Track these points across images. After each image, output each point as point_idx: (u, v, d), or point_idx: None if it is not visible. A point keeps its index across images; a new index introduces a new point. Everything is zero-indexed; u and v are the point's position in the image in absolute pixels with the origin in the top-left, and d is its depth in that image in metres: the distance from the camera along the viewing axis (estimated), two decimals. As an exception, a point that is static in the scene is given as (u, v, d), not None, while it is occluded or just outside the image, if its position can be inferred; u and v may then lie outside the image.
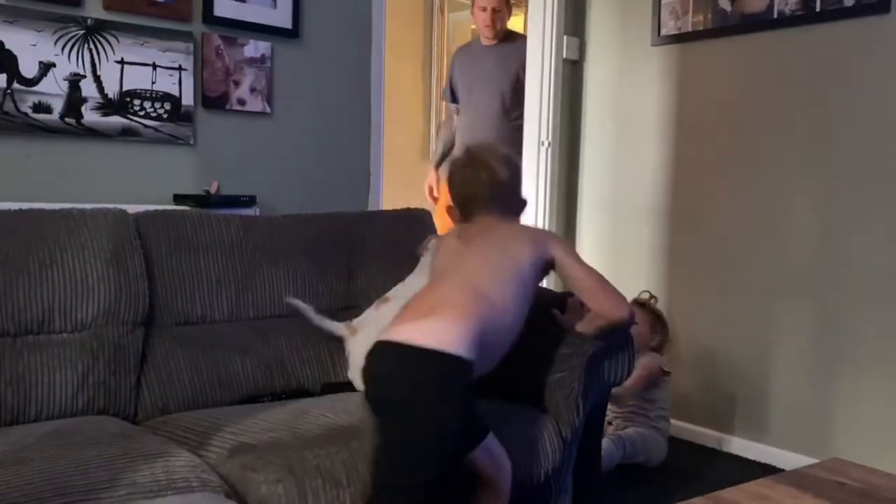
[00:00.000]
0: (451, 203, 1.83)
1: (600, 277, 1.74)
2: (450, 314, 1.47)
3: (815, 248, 2.73)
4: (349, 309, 2.19)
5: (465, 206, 1.79)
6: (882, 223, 2.56)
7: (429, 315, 1.47)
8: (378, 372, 1.48)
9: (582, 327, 1.79)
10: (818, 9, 2.68)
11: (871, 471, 1.40)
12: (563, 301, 1.88)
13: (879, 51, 2.56)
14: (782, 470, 2.04)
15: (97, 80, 2.47)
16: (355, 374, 1.97)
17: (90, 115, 2.46)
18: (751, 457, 2.89)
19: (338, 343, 2.08)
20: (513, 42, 3.72)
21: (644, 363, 2.70)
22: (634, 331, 1.90)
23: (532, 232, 1.80)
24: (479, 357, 1.45)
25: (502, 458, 1.57)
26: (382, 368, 1.47)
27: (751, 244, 2.91)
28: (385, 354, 1.47)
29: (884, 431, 2.55)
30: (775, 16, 2.81)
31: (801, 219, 2.77)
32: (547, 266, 1.72)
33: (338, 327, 2.08)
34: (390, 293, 2.09)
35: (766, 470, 2.67)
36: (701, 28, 3.04)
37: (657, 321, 2.90)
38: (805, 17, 2.72)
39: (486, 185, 1.76)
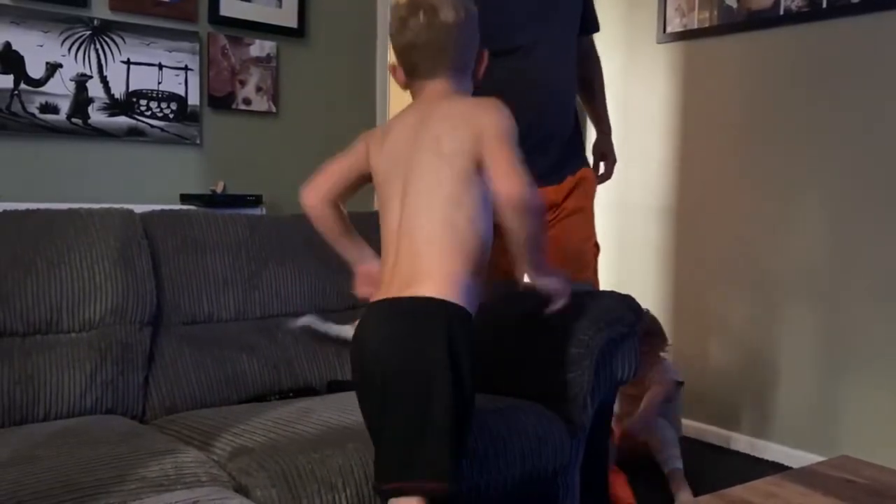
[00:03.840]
0: (393, 60, 1.54)
1: (517, 167, 1.37)
2: (433, 284, 1.32)
3: (822, 245, 2.72)
4: (356, 308, 2.18)
5: (406, 60, 1.48)
6: (890, 222, 2.55)
7: (413, 284, 1.33)
8: (377, 332, 1.34)
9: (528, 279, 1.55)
10: (824, 5, 2.67)
11: (880, 468, 1.40)
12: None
13: (887, 47, 2.55)
14: (791, 468, 2.03)
15: (104, 80, 2.48)
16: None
17: (97, 116, 2.47)
18: (759, 455, 2.88)
19: (345, 341, 2.08)
20: None
21: (658, 381, 2.64)
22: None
23: (471, 116, 1.41)
24: (472, 303, 1.36)
25: None
26: (381, 327, 1.34)
27: (757, 242, 2.90)
28: (382, 311, 1.35)
29: (892, 429, 2.54)
30: (781, 13, 2.80)
31: (808, 217, 2.76)
32: None
33: (346, 329, 2.08)
34: None
35: (775, 468, 2.67)
36: (707, 25, 3.04)
37: (657, 336, 2.77)
38: (811, 13, 2.71)
39: (426, 30, 1.44)
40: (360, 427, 1.59)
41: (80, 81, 2.44)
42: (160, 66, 2.58)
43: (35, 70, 2.36)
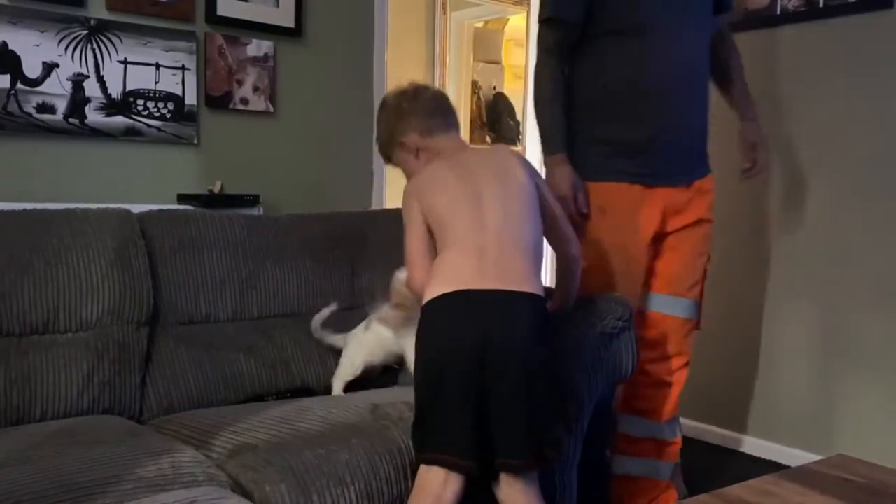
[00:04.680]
0: (405, 133, 1.74)
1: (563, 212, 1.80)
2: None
3: (821, 245, 2.73)
4: (353, 309, 2.19)
5: (423, 122, 1.74)
6: (887, 221, 2.56)
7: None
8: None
9: (553, 304, 1.78)
10: (821, 5, 2.68)
11: (877, 467, 1.40)
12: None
13: (882, 47, 2.55)
14: (788, 467, 2.04)
15: (100, 80, 2.47)
16: (338, 381, 1.99)
17: (94, 116, 2.47)
18: (756, 454, 2.88)
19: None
20: None
21: None
22: None
23: (514, 153, 1.76)
24: None
25: None
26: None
27: (756, 241, 2.91)
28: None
29: (889, 428, 2.55)
30: (778, 12, 2.80)
31: (805, 216, 2.77)
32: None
33: (337, 339, 2.06)
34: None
35: (772, 467, 2.67)
36: (704, 25, 3.04)
37: None
38: (807, 13, 2.72)
39: (437, 97, 1.78)
40: (362, 423, 1.59)
41: (77, 81, 2.43)
42: (157, 66, 2.58)
43: (32, 70, 2.36)
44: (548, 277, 3.09)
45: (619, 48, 2.02)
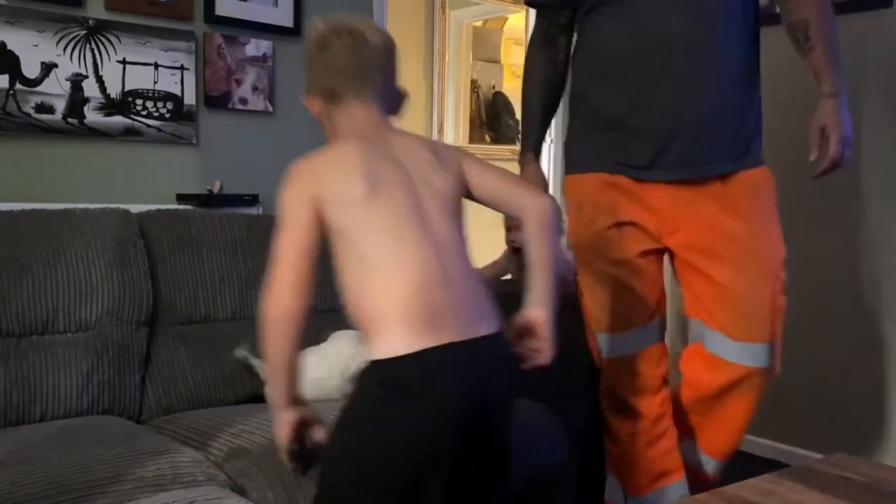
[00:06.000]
0: (309, 91, 1.36)
1: (512, 175, 1.39)
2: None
3: (819, 244, 2.73)
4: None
5: (326, 83, 1.33)
6: (884, 221, 2.56)
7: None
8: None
9: (534, 295, 1.28)
10: (820, 3, 2.68)
11: (877, 466, 1.40)
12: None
13: (881, 45, 2.55)
14: (788, 465, 2.04)
15: (99, 80, 2.47)
16: None
17: (92, 116, 2.46)
18: (756, 452, 2.88)
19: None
20: None
21: None
22: None
23: (443, 150, 1.34)
24: None
25: None
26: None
27: (754, 240, 2.91)
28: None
29: (889, 427, 2.55)
30: (777, 10, 2.80)
31: (804, 215, 2.77)
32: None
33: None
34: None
35: (772, 465, 2.67)
36: (703, 24, 3.03)
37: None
38: (807, 11, 2.71)
39: (352, 52, 1.30)
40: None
41: (76, 81, 2.43)
42: (156, 66, 2.57)
43: (30, 70, 2.35)
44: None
45: (607, 20, 1.71)
